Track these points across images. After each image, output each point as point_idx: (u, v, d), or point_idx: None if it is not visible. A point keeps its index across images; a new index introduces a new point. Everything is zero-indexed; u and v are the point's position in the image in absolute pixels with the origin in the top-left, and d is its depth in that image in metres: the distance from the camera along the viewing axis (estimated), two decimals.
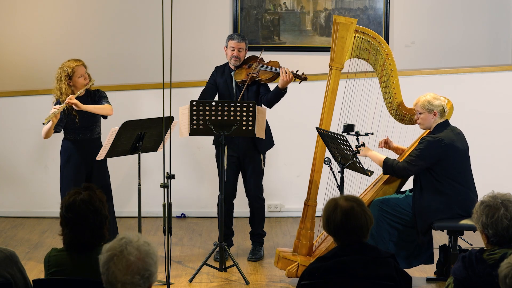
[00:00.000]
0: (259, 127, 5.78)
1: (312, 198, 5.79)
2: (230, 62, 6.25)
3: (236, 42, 6.22)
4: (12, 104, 7.74)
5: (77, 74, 5.94)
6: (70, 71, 5.92)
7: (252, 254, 6.34)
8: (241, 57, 6.23)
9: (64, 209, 3.51)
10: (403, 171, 5.53)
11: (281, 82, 6.06)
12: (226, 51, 6.31)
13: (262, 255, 6.38)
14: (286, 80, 6.01)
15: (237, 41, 6.23)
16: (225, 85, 6.24)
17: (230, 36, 6.33)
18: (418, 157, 5.47)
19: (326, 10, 8.27)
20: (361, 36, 5.72)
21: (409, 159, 5.51)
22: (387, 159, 5.59)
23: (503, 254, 3.35)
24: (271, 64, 6.21)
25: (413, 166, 5.48)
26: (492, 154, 7.63)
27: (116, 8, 8.26)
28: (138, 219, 5.71)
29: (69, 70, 5.92)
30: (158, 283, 5.56)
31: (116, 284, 2.82)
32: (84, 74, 5.97)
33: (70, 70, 5.92)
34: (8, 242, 6.86)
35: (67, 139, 6.03)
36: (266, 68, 6.17)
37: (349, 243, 3.47)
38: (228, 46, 6.27)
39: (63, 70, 5.94)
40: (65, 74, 5.92)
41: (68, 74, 5.92)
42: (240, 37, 6.28)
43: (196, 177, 7.76)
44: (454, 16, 8.39)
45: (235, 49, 6.21)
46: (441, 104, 5.54)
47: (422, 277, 5.81)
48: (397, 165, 5.53)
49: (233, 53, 6.22)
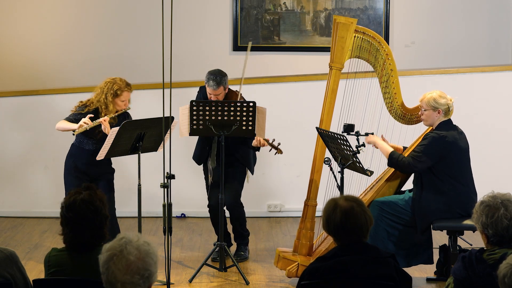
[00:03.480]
0: (259, 127, 5.78)
1: (312, 198, 5.79)
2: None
3: (212, 90, 6.03)
4: (12, 104, 7.73)
5: (123, 97, 5.88)
6: (119, 92, 5.86)
7: (237, 255, 6.32)
8: (220, 99, 6.07)
9: (64, 208, 3.51)
10: (408, 166, 5.51)
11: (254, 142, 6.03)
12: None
13: (246, 256, 6.35)
14: (256, 144, 6.01)
15: (213, 89, 6.02)
16: None
17: (207, 79, 6.05)
18: (422, 153, 5.46)
19: (326, 10, 8.27)
20: (361, 36, 5.72)
21: (413, 155, 5.50)
22: (393, 153, 5.58)
23: (503, 254, 3.35)
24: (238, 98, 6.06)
25: (418, 161, 5.47)
26: (492, 154, 7.63)
27: (116, 8, 8.26)
28: (138, 219, 5.71)
29: (119, 91, 5.85)
30: (158, 283, 5.56)
31: (116, 284, 2.82)
32: (127, 100, 5.92)
33: (119, 91, 5.86)
34: (8, 242, 6.86)
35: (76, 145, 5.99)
36: None
37: (349, 243, 3.47)
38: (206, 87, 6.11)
39: (113, 86, 5.85)
40: (112, 92, 5.84)
41: (116, 92, 5.86)
42: (216, 83, 6.00)
43: (196, 177, 7.75)
44: (454, 16, 8.39)
45: (212, 95, 6.06)
46: (446, 103, 5.54)
47: (422, 277, 5.81)
48: (402, 160, 5.52)
49: (211, 97, 6.07)
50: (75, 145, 6.00)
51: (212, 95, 6.06)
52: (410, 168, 5.53)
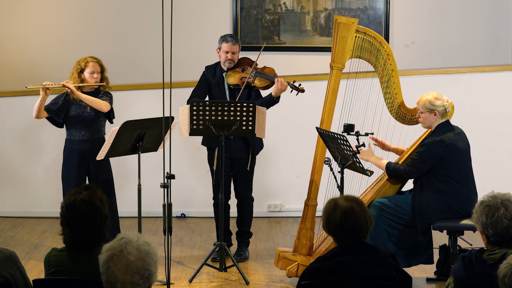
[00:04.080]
0: (259, 127, 5.78)
1: (312, 198, 5.79)
2: (224, 64, 6.20)
3: (230, 45, 6.15)
4: (12, 104, 7.73)
5: (89, 69, 5.96)
6: (83, 65, 5.96)
7: (238, 254, 6.32)
8: (235, 59, 6.19)
9: (64, 208, 3.51)
10: (405, 174, 5.54)
11: (274, 90, 6.05)
12: (218, 53, 6.24)
13: (247, 256, 6.36)
14: (280, 89, 6.01)
15: (231, 44, 6.15)
16: (217, 86, 6.21)
17: (224, 38, 6.22)
18: (418, 160, 5.47)
19: (326, 10, 8.27)
20: (362, 36, 5.72)
21: (410, 162, 5.52)
22: (389, 164, 5.59)
23: (503, 254, 3.35)
24: (267, 71, 6.16)
25: (414, 168, 5.49)
26: (492, 154, 7.63)
27: (116, 8, 8.26)
28: (138, 219, 5.71)
29: (82, 64, 5.97)
30: (158, 283, 5.56)
31: (116, 284, 2.82)
32: (96, 73, 5.98)
33: (83, 64, 5.97)
34: (8, 242, 6.85)
35: (68, 138, 6.05)
36: (262, 75, 6.12)
37: (349, 243, 3.47)
38: (221, 49, 6.20)
39: (77, 63, 6.01)
40: (78, 66, 5.99)
41: (81, 67, 5.96)
42: (234, 39, 6.20)
43: (196, 177, 7.75)
44: (454, 16, 8.39)
45: (229, 52, 6.16)
46: (442, 104, 5.54)
47: (422, 277, 5.81)
48: (399, 169, 5.54)
49: (227, 56, 6.16)
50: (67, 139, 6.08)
51: (230, 52, 6.14)
52: (408, 175, 5.57)
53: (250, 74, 6.10)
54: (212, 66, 6.31)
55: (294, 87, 6.05)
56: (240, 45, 6.26)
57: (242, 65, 6.23)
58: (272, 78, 6.08)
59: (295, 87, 6.05)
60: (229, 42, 6.16)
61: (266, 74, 6.13)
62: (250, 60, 6.26)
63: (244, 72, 6.16)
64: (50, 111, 5.98)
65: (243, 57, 6.30)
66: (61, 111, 5.99)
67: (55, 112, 5.98)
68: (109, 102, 5.98)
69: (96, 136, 6.03)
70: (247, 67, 6.19)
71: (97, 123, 6.02)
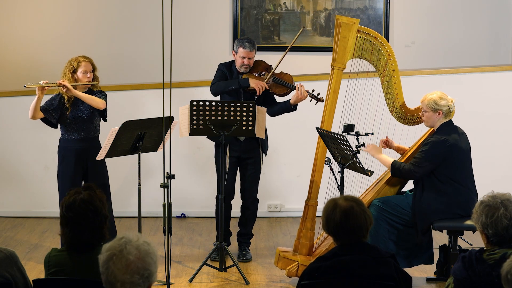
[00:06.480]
0: (259, 127, 5.78)
1: (312, 198, 5.79)
2: (240, 68, 6.18)
3: (247, 51, 6.11)
4: (12, 104, 7.73)
5: (82, 68, 5.96)
6: (75, 65, 5.96)
7: (242, 255, 6.32)
8: (250, 64, 6.17)
9: (64, 208, 3.51)
10: (410, 173, 5.51)
11: (294, 99, 6.06)
12: (234, 56, 6.20)
13: (251, 256, 6.35)
14: (300, 98, 6.02)
15: (248, 50, 6.10)
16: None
17: (241, 42, 6.14)
18: (423, 159, 5.45)
19: (326, 10, 8.27)
20: (363, 36, 5.72)
21: (414, 161, 5.50)
22: (394, 162, 5.58)
23: (503, 254, 3.35)
24: (285, 78, 6.15)
25: (419, 167, 5.47)
26: (492, 154, 7.63)
27: (116, 8, 8.26)
28: (138, 219, 5.71)
29: (74, 64, 5.97)
30: (158, 283, 5.56)
31: (116, 284, 2.82)
32: (89, 72, 5.99)
33: (75, 63, 5.96)
34: (8, 242, 6.85)
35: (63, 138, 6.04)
36: (280, 82, 6.11)
37: (349, 243, 3.47)
38: (237, 53, 6.15)
39: (69, 63, 6.00)
40: (70, 67, 5.99)
41: (73, 67, 5.96)
42: (251, 45, 6.12)
43: (196, 177, 7.76)
44: (454, 16, 8.39)
45: (246, 58, 6.13)
46: (447, 104, 5.53)
47: (422, 277, 5.81)
48: (404, 168, 5.52)
49: (243, 61, 6.13)
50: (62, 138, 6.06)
51: (246, 58, 6.11)
52: (412, 174, 5.52)
53: (267, 80, 6.09)
54: (227, 64, 6.27)
55: (314, 96, 6.05)
56: (257, 50, 6.21)
57: (258, 69, 6.20)
58: (292, 86, 6.08)
59: (314, 97, 6.05)
60: (246, 48, 6.11)
61: (285, 81, 6.11)
62: (265, 63, 6.24)
63: (261, 78, 6.13)
64: (46, 111, 5.98)
65: (258, 59, 6.26)
66: (56, 112, 5.99)
67: (51, 113, 5.97)
68: (104, 100, 5.99)
69: (92, 135, 6.03)
70: (264, 72, 6.17)
71: (93, 122, 6.02)
